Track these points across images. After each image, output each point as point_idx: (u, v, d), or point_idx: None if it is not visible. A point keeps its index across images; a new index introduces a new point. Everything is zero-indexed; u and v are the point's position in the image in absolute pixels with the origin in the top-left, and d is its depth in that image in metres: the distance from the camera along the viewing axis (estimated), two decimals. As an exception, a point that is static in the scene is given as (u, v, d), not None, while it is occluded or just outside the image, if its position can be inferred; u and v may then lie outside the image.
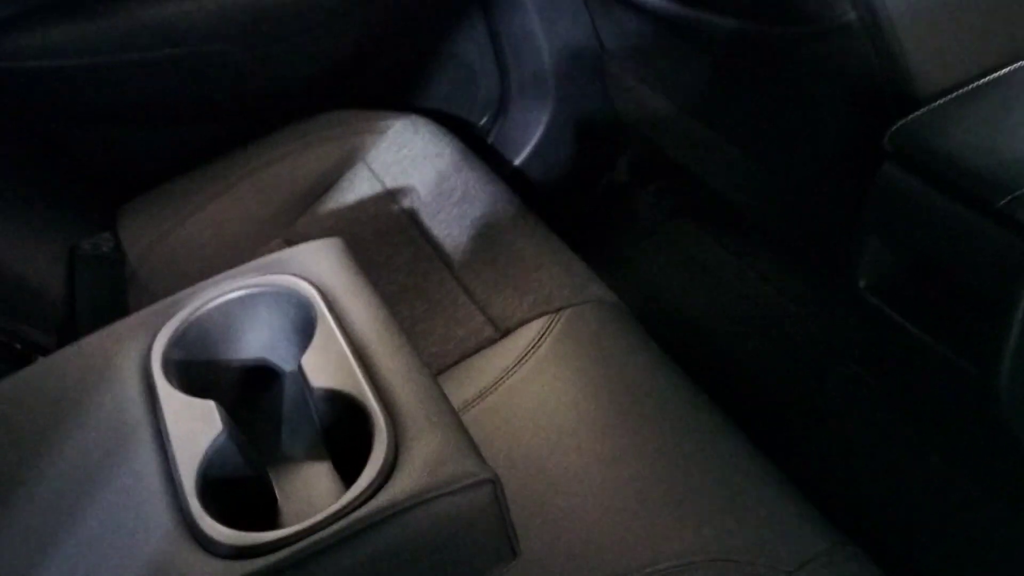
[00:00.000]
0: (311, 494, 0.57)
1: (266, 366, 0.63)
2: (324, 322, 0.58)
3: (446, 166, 1.03)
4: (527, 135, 1.31)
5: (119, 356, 0.59)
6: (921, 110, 0.69)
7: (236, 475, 0.53)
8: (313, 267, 0.63)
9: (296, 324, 0.61)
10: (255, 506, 0.56)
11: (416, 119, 1.10)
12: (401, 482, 0.48)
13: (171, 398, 0.54)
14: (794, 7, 0.72)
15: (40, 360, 0.61)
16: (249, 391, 0.63)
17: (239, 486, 0.53)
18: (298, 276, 0.61)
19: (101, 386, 0.57)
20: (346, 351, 0.55)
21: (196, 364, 0.60)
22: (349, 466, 0.51)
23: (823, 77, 0.76)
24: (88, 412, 0.56)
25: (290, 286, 0.60)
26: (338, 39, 1.13)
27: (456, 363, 0.83)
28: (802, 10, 0.71)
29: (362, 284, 0.62)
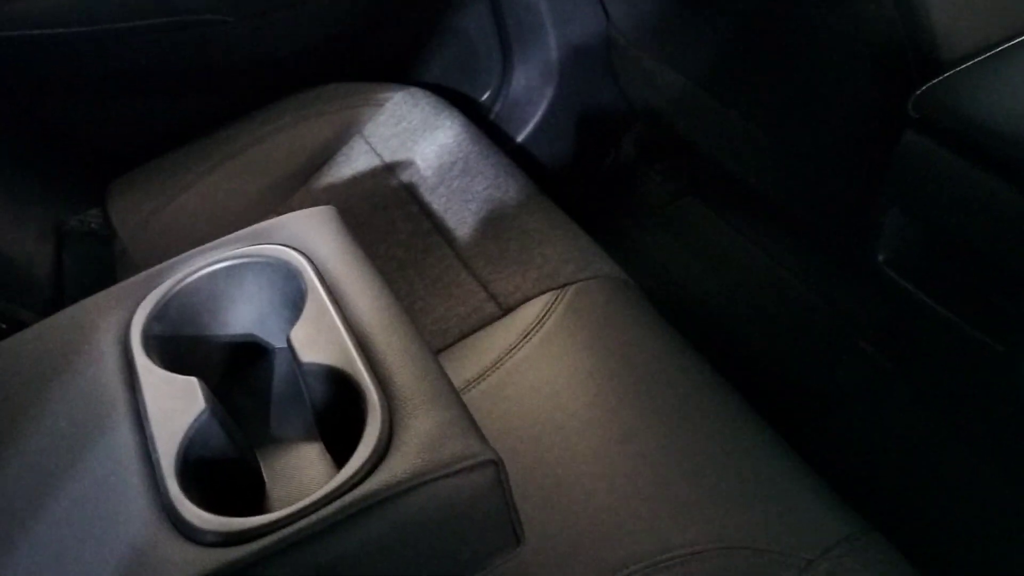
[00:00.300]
0: (301, 477, 0.54)
1: (254, 342, 0.59)
2: (315, 293, 0.54)
3: (447, 139, 1.00)
4: (530, 112, 1.28)
5: (97, 330, 0.55)
6: (946, 74, 0.67)
7: (220, 457, 0.49)
8: (304, 236, 0.59)
9: (286, 297, 0.57)
10: (242, 490, 0.52)
11: (415, 91, 1.07)
12: (396, 463, 0.44)
13: (151, 374, 0.51)
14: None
15: (13, 335, 0.57)
16: (236, 368, 0.59)
17: (223, 468, 0.50)
18: (288, 245, 0.58)
19: (77, 362, 0.54)
20: (338, 324, 0.52)
21: (179, 339, 0.56)
22: (343, 447, 0.47)
23: (844, 42, 0.73)
24: (63, 390, 0.52)
25: (279, 256, 0.57)
26: (335, 10, 1.10)
27: (456, 341, 0.80)
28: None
29: (356, 254, 0.58)
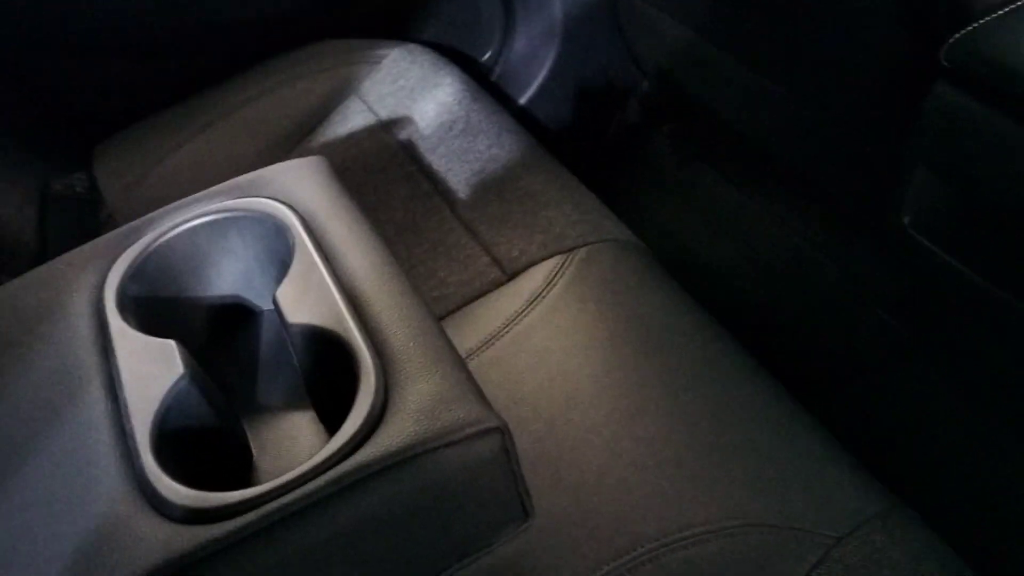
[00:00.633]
0: (291, 448, 0.50)
1: (238, 303, 0.55)
2: (303, 249, 0.50)
3: (446, 97, 0.96)
4: (533, 72, 1.25)
5: (70, 290, 0.51)
6: (979, 21, 0.63)
7: (201, 426, 0.46)
8: (293, 188, 0.55)
9: (273, 253, 0.53)
10: (226, 463, 0.49)
11: (413, 47, 1.04)
12: (391, 431, 0.40)
13: (126, 338, 0.47)
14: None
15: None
16: (219, 331, 0.55)
17: (205, 439, 0.46)
18: (275, 199, 0.53)
19: (48, 324, 0.50)
20: (328, 282, 0.47)
21: (158, 300, 0.52)
22: (335, 415, 0.43)
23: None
24: (32, 354, 0.48)
25: (265, 210, 0.53)
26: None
27: (458, 308, 0.76)
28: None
29: (349, 207, 0.54)
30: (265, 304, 0.56)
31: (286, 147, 0.98)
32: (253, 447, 0.51)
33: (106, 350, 0.47)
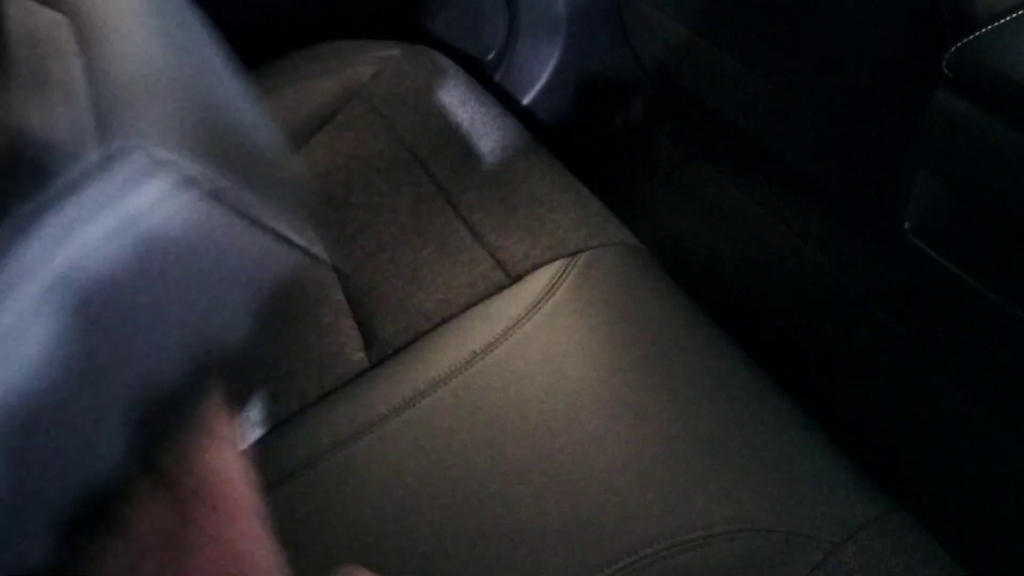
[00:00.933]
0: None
1: None
2: None
3: (451, 98, 0.96)
4: (536, 72, 1.25)
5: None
6: (982, 30, 0.64)
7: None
8: None
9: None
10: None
11: (418, 48, 1.04)
12: None
13: None
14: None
15: None
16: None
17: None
18: None
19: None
20: None
21: None
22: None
23: (874, -4, 0.70)
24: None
25: None
26: (335, -36, 1.07)
27: (462, 311, 0.77)
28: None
29: None
30: None
31: (292, 147, 0.98)
32: None
33: None
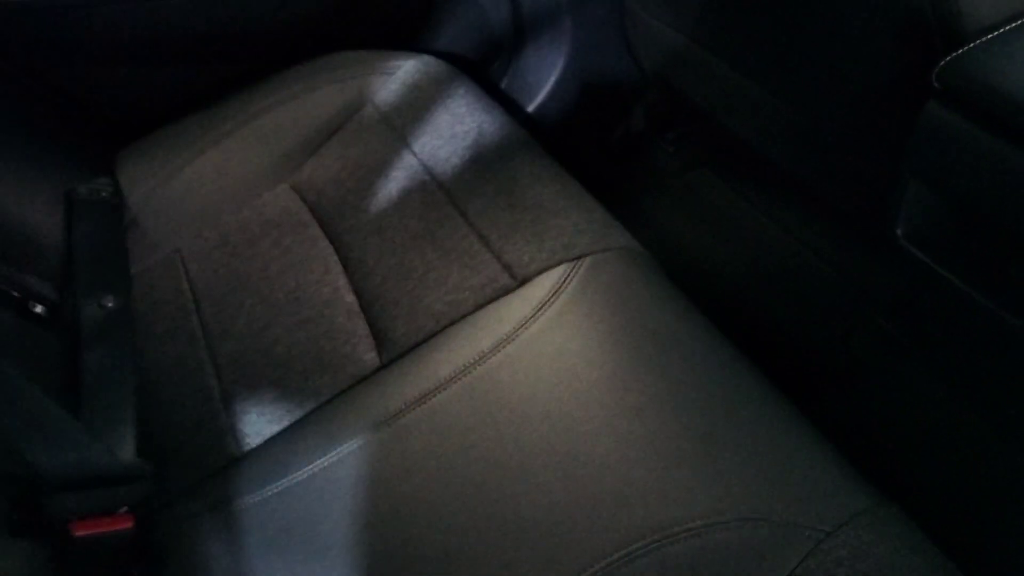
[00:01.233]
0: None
1: None
2: None
3: (458, 107, 0.99)
4: (541, 81, 1.27)
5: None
6: (970, 45, 0.66)
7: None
8: None
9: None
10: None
11: (427, 59, 1.06)
12: None
13: None
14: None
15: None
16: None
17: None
18: None
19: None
20: None
21: None
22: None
23: (867, 11, 0.72)
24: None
25: None
26: (344, -24, 1.09)
27: (471, 312, 0.79)
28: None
29: None
30: None
31: (303, 155, 1.01)
32: None
33: None
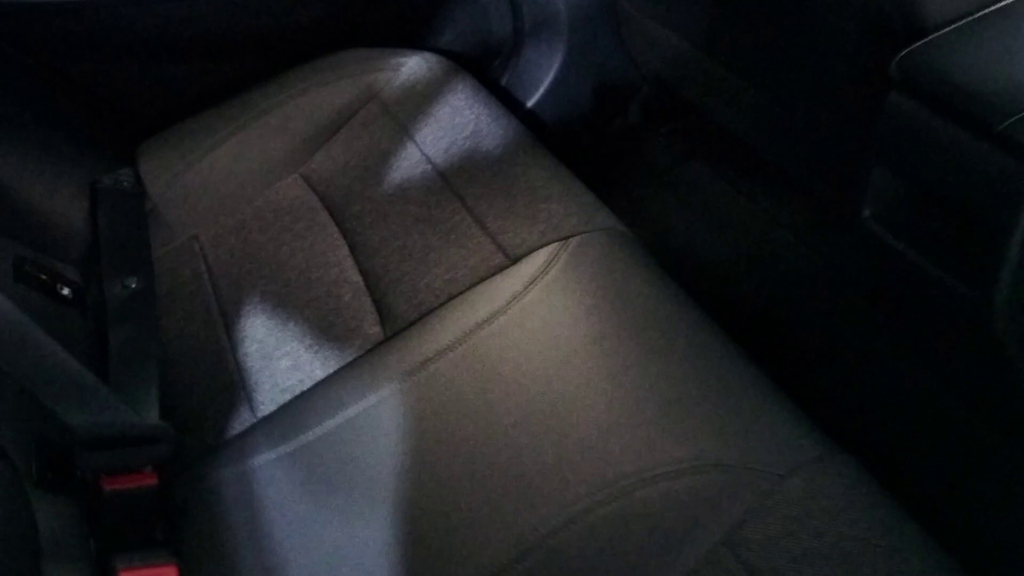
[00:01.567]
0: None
1: None
2: None
3: (459, 102, 1.04)
4: (539, 77, 1.29)
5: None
6: (928, 38, 0.69)
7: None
8: None
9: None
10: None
11: (429, 56, 1.10)
12: None
13: None
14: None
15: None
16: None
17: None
18: None
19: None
20: None
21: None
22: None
23: (835, 5, 0.76)
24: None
25: None
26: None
27: (468, 288, 0.85)
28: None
29: None
30: None
31: (313, 146, 1.05)
32: None
33: None
